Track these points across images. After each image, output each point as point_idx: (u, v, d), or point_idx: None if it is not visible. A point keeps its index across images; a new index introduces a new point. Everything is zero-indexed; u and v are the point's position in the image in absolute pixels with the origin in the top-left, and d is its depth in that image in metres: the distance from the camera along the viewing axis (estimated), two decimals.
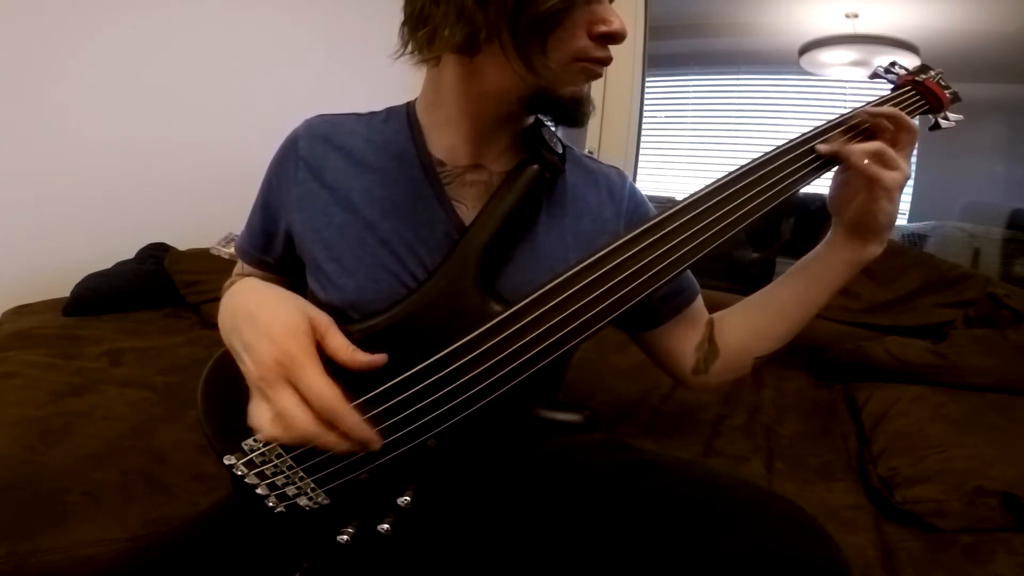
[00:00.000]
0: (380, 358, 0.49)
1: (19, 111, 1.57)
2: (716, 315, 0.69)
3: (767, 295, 0.66)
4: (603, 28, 0.52)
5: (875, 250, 0.59)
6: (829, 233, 0.61)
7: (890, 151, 0.54)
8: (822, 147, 0.55)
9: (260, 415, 0.46)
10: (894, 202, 0.56)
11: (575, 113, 0.57)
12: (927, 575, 0.68)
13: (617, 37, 0.53)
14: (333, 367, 0.47)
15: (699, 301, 0.70)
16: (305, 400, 0.45)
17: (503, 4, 0.49)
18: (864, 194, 0.55)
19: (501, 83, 0.54)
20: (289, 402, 0.45)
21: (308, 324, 0.48)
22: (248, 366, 0.47)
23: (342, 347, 0.48)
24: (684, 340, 0.68)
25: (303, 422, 0.44)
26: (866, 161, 0.53)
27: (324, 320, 0.49)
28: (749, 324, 0.66)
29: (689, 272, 0.66)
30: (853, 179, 0.57)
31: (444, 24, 0.51)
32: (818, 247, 0.63)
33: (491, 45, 0.52)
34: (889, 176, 0.54)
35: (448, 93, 0.58)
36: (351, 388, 0.48)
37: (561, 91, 0.55)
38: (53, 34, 1.59)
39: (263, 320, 0.48)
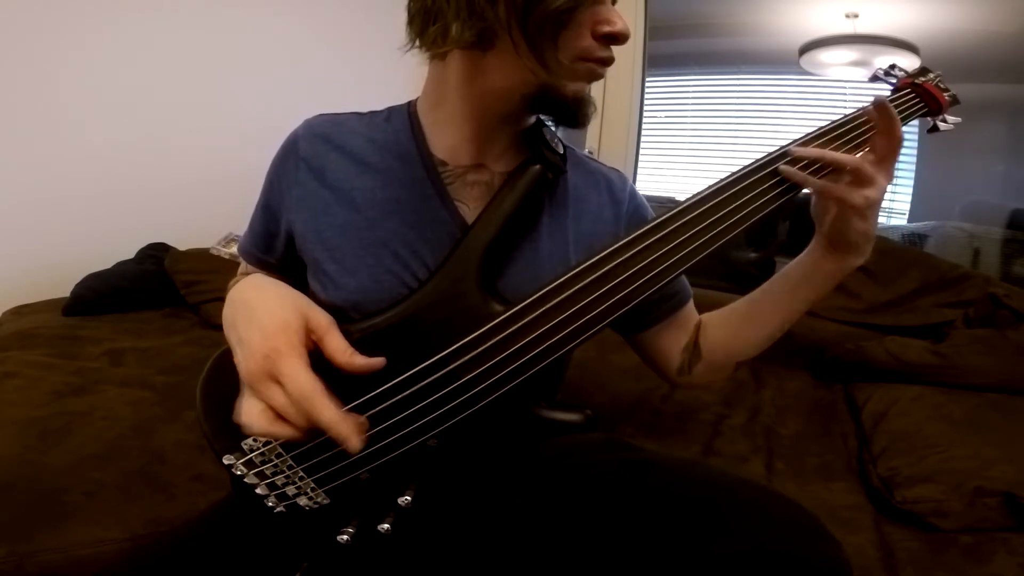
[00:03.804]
0: (378, 362, 0.48)
1: (19, 111, 1.57)
2: (702, 318, 0.70)
3: (748, 303, 0.66)
4: (606, 28, 0.53)
5: (854, 262, 0.57)
6: (811, 243, 0.60)
7: (866, 168, 0.52)
8: (784, 168, 0.53)
9: (249, 410, 0.45)
10: (868, 220, 0.53)
11: (577, 113, 0.56)
12: (927, 575, 0.68)
13: (620, 38, 0.54)
14: (333, 368, 0.47)
15: (691, 304, 0.70)
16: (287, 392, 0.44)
17: (514, 2, 0.49)
18: (836, 211, 0.54)
19: (507, 81, 0.54)
20: (279, 398, 0.44)
21: (301, 321, 0.48)
22: (239, 361, 0.47)
23: (340, 349, 0.47)
24: (674, 341, 0.69)
25: (295, 417, 0.44)
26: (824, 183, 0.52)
27: (324, 321, 0.49)
28: (730, 330, 0.67)
29: (683, 276, 0.66)
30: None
31: (454, 20, 0.51)
32: (800, 256, 0.61)
33: (500, 42, 0.52)
34: (858, 195, 0.52)
35: (452, 92, 0.58)
36: (352, 387, 0.48)
37: (565, 91, 0.55)
38: (53, 34, 1.59)
39: (258, 316, 0.48)
